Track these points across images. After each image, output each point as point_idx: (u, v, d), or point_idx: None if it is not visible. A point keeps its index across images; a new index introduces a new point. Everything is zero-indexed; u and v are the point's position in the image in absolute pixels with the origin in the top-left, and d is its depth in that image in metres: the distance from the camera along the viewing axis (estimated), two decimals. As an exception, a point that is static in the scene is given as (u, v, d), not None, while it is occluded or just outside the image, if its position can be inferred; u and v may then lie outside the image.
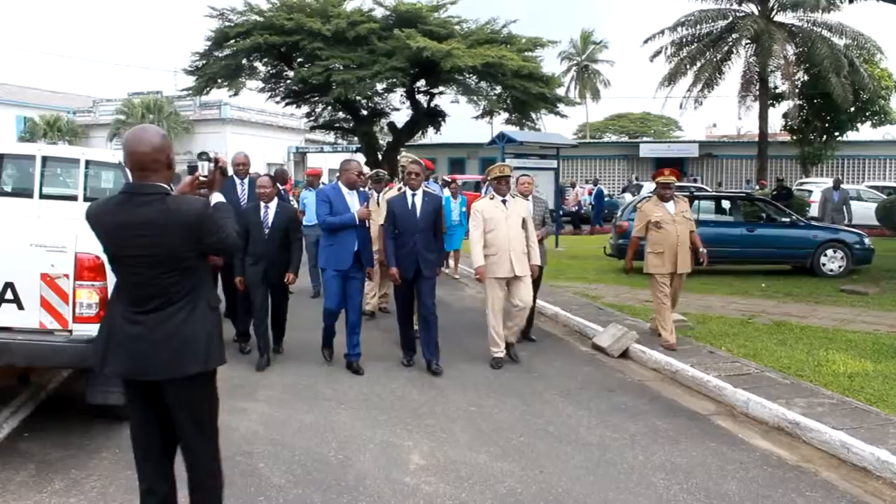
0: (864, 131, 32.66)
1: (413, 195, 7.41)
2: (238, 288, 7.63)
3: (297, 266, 7.55)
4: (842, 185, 19.64)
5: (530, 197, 8.49)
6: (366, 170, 12.67)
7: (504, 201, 7.65)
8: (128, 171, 6.60)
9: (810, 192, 26.25)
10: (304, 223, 11.03)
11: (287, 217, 7.55)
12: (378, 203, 10.10)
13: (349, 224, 7.12)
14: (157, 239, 3.23)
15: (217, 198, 3.64)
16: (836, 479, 4.93)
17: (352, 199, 7.27)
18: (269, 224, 7.42)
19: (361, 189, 7.97)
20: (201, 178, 3.63)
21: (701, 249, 8.46)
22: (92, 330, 4.77)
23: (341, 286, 7.23)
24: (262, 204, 7.47)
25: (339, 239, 7.18)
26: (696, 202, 15.64)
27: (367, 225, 7.39)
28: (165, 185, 3.34)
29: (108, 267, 4.84)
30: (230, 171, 8.30)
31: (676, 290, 8.61)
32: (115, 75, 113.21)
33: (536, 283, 8.40)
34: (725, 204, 16.43)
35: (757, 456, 5.33)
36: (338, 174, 7.96)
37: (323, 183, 13.66)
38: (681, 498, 4.57)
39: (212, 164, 3.71)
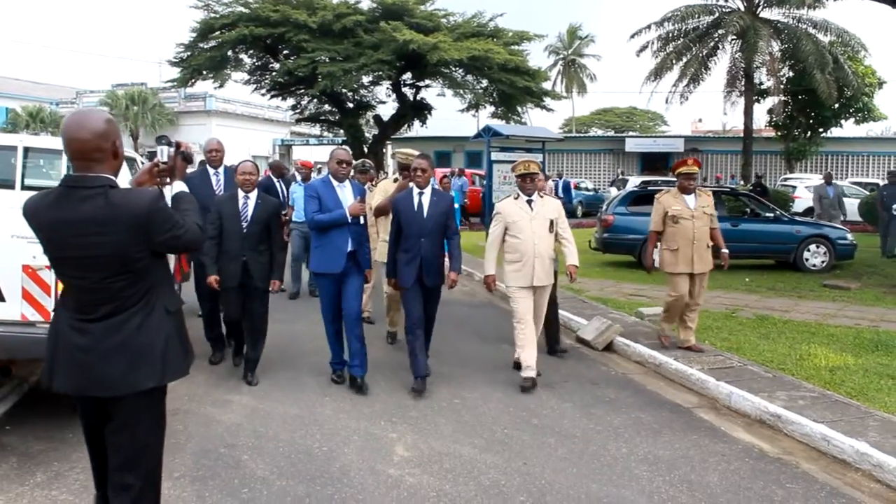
0: (848, 128, 32.91)
1: (420, 194, 6.54)
2: (213, 288, 6.68)
3: (281, 271, 6.79)
4: (833, 181, 19.25)
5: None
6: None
7: (530, 201, 6.83)
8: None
9: (794, 187, 26.47)
10: (294, 219, 10.84)
11: (270, 211, 6.64)
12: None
13: (340, 222, 6.31)
14: (102, 238, 2.88)
15: (178, 187, 3.29)
16: (816, 471, 4.98)
17: (343, 193, 6.45)
18: (249, 217, 6.53)
19: (356, 181, 7.47)
20: (160, 166, 3.25)
21: (723, 250, 7.91)
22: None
23: (336, 291, 6.46)
24: (242, 194, 6.57)
25: (329, 239, 6.38)
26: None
27: (364, 221, 6.54)
28: (111, 177, 2.96)
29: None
30: (197, 159, 7.69)
31: (697, 292, 7.83)
32: (99, 66, 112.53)
33: (555, 299, 7.68)
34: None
35: (739, 448, 5.37)
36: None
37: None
38: (663, 490, 4.60)
39: (171, 149, 3.29)
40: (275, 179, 11.15)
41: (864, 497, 4.60)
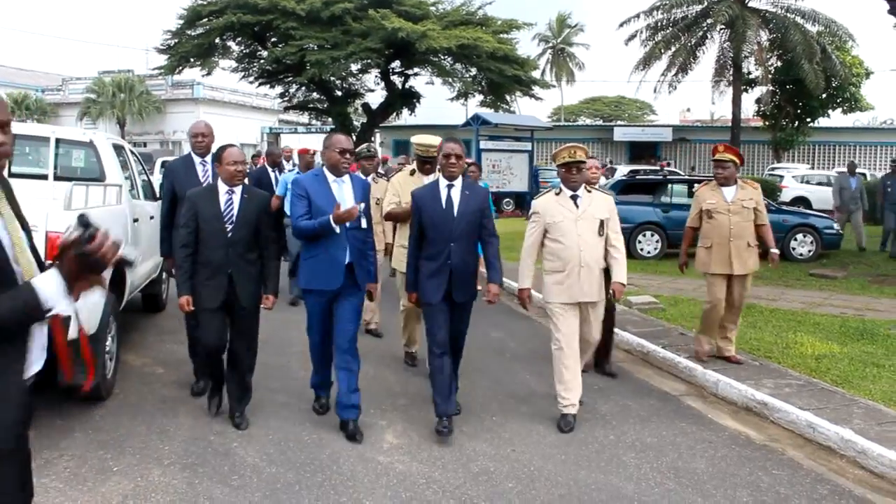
0: (835, 118, 33.03)
1: (449, 187, 5.25)
2: (183, 310, 5.31)
3: (276, 283, 5.38)
4: (857, 171, 17.20)
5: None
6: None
7: (575, 197, 5.59)
8: (104, 150, 6.33)
9: (781, 177, 26.58)
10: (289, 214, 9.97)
11: (259, 208, 5.25)
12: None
13: (325, 231, 5.01)
14: None
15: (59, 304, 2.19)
16: (801, 457, 5.04)
17: (342, 192, 5.16)
18: (234, 218, 5.11)
19: (359, 175, 6.53)
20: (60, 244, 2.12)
21: (772, 249, 7.03)
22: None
23: (327, 312, 5.29)
24: (225, 187, 5.15)
25: (323, 248, 5.12)
26: (668, 186, 15.83)
27: (366, 225, 5.25)
28: None
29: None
30: (188, 146, 6.45)
31: (737, 298, 6.95)
32: (85, 53, 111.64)
33: (611, 309, 6.56)
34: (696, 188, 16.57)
35: (725, 435, 5.42)
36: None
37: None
38: (650, 476, 4.64)
39: (80, 233, 2.09)
40: (269, 169, 10.41)
41: (848, 483, 4.66)
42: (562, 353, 5.50)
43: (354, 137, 27.87)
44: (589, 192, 5.70)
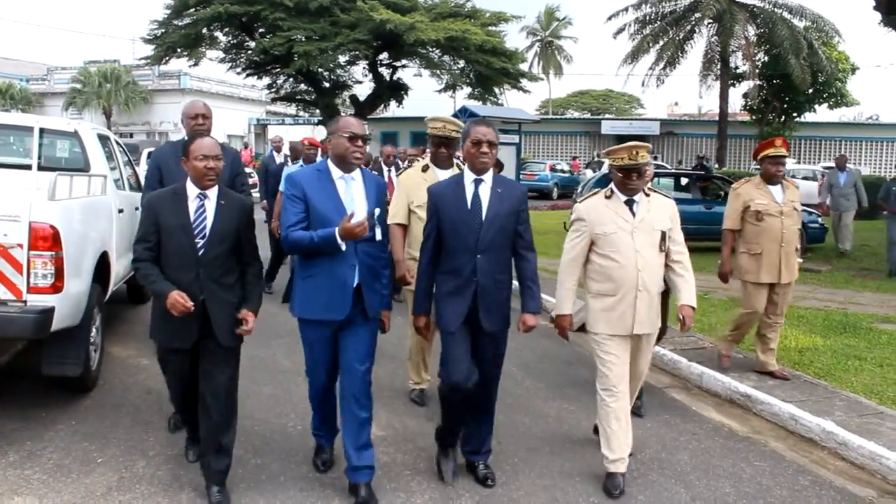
0: (821, 112, 33.29)
1: (476, 182, 4.18)
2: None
3: (257, 303, 4.18)
4: (849, 165, 15.51)
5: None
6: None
7: (631, 202, 4.44)
8: (92, 141, 6.23)
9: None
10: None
11: (238, 216, 4.07)
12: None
13: (330, 248, 3.88)
14: None
15: None
16: (783, 449, 5.10)
17: (349, 192, 4.03)
18: (207, 230, 3.96)
19: (371, 170, 5.43)
20: None
21: (797, 259, 6.53)
22: (47, 300, 4.74)
23: (331, 351, 4.13)
24: (195, 190, 3.99)
25: (324, 266, 3.97)
26: (654, 180, 15.89)
27: (381, 236, 4.11)
28: None
29: (64, 237, 4.81)
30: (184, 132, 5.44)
31: (780, 309, 6.40)
32: (71, 42, 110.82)
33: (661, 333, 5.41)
34: (683, 181, 16.70)
35: (709, 427, 5.46)
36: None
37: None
38: (634, 468, 4.66)
39: None
40: (290, 163, 9.70)
41: (829, 474, 4.72)
42: (612, 398, 4.44)
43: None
44: (647, 195, 4.53)
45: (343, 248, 3.86)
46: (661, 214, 4.51)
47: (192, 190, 4.03)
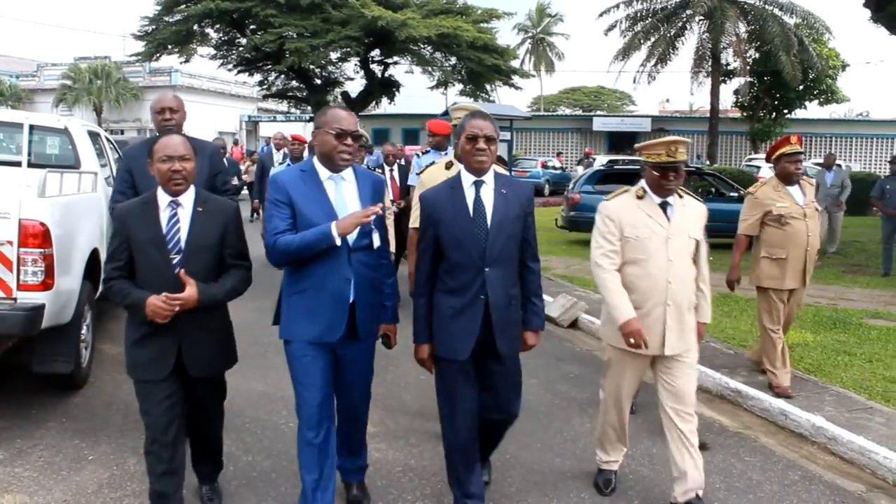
0: (812, 109, 33.45)
1: (477, 184, 3.66)
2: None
3: (213, 288, 3.55)
4: (837, 163, 14.98)
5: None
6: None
7: (665, 205, 3.99)
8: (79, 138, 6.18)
9: (758, 168, 26.81)
10: None
11: (221, 223, 3.60)
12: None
13: (322, 246, 3.42)
14: None
15: None
16: (773, 444, 5.12)
17: (340, 194, 3.58)
18: (182, 241, 3.50)
19: (364, 167, 4.97)
20: None
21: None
22: (37, 298, 4.72)
23: (326, 372, 3.64)
24: (167, 198, 3.52)
25: (315, 278, 3.51)
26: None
27: (379, 241, 3.66)
28: None
29: (54, 234, 4.79)
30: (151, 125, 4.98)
31: (792, 312, 6.17)
32: (61, 39, 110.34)
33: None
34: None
35: (700, 423, 5.40)
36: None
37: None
38: (625, 463, 4.67)
39: None
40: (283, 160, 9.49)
41: (818, 469, 4.74)
42: (611, 402, 4.25)
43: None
44: (681, 197, 4.07)
45: (338, 242, 3.39)
46: (695, 220, 4.07)
47: (163, 197, 3.52)
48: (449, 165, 4.72)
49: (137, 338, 3.58)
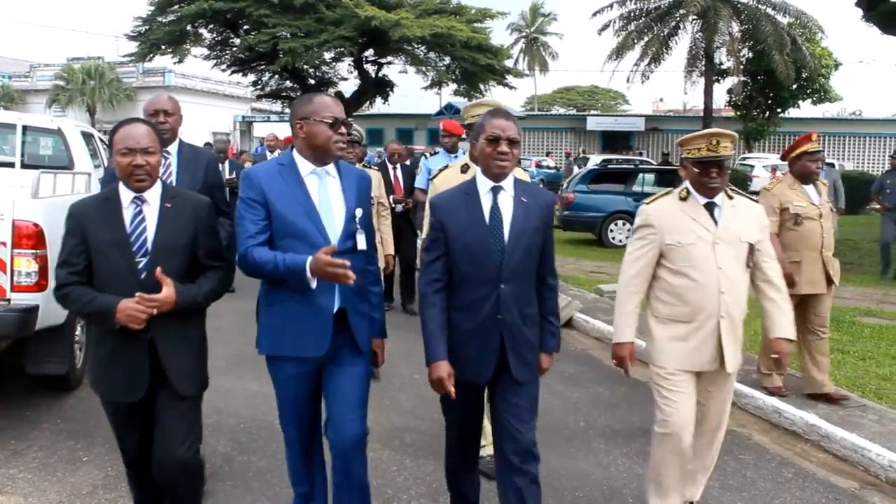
0: (805, 108, 33.54)
1: (495, 190, 3.28)
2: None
3: (189, 292, 3.13)
4: (829, 162, 14.58)
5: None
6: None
7: (712, 206, 3.64)
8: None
9: (752, 166, 26.97)
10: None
11: (193, 218, 3.21)
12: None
13: (298, 281, 3.02)
14: None
15: None
16: (767, 442, 5.15)
17: (325, 192, 3.20)
18: (149, 242, 3.10)
19: (350, 163, 4.39)
20: None
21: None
22: (31, 299, 4.72)
23: (310, 393, 3.36)
24: (130, 194, 3.12)
25: (295, 290, 3.11)
26: (639, 175, 15.99)
27: (365, 244, 3.27)
28: None
29: (48, 235, 4.79)
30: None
31: (822, 318, 5.78)
32: (54, 39, 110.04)
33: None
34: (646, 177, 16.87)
35: (693, 421, 5.50)
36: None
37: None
38: (619, 462, 4.71)
39: None
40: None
41: (811, 466, 4.77)
42: (674, 445, 3.62)
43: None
44: (730, 197, 3.71)
45: (313, 286, 3.01)
46: (748, 222, 3.68)
47: (125, 193, 3.13)
48: (465, 169, 4.39)
49: (104, 351, 3.17)
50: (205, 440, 4.70)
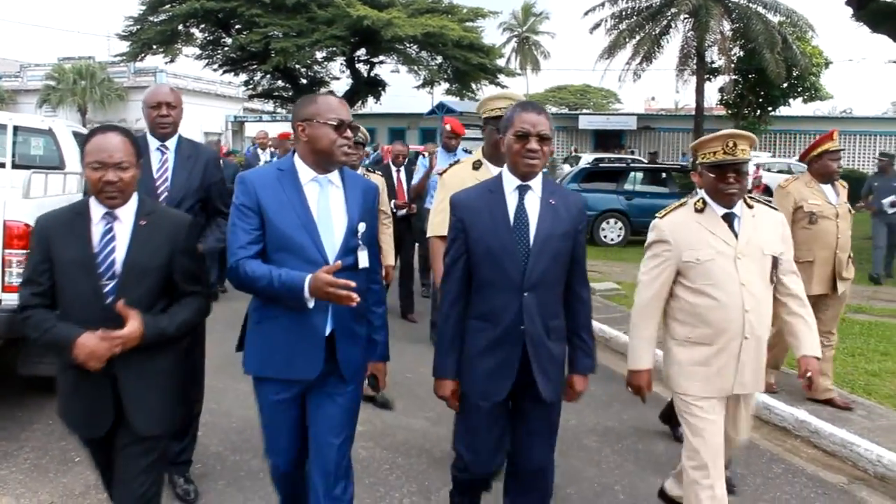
0: (796, 107, 33.63)
1: (521, 191, 3.06)
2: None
3: (158, 324, 2.81)
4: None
5: None
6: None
7: (731, 217, 3.33)
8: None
9: (743, 164, 27.03)
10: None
11: (170, 238, 2.89)
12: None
13: (294, 302, 2.79)
14: None
15: None
16: (758, 438, 5.16)
17: (326, 202, 2.95)
18: (118, 264, 2.79)
19: (353, 170, 3.87)
20: None
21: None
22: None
23: (298, 421, 3.08)
24: (102, 208, 2.82)
25: (286, 307, 2.87)
26: (631, 174, 16.05)
27: (367, 262, 3.02)
28: None
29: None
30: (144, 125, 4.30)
31: (829, 322, 5.59)
32: (45, 39, 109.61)
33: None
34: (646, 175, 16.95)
35: (684, 418, 5.53)
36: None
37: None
38: (611, 459, 4.74)
39: None
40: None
41: (801, 462, 4.81)
42: (708, 478, 3.29)
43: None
44: (749, 206, 3.40)
45: (311, 306, 2.78)
46: (770, 233, 3.38)
47: (97, 208, 2.82)
48: (477, 165, 4.17)
49: (66, 382, 2.89)
50: (197, 439, 4.74)
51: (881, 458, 4.59)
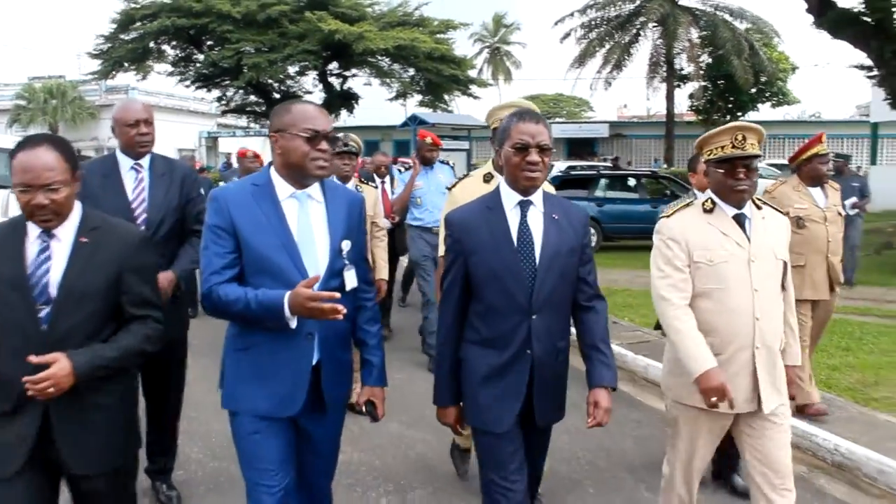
0: (765, 111, 34.23)
1: (523, 206, 2.84)
2: None
3: (98, 355, 2.50)
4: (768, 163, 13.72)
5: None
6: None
7: (742, 219, 3.10)
8: None
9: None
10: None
11: (117, 258, 2.58)
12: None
13: (275, 322, 2.53)
14: None
15: None
16: (725, 434, 5.32)
17: (306, 219, 2.70)
18: (53, 287, 2.48)
19: (339, 182, 3.84)
20: None
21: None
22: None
23: (283, 451, 2.74)
24: (36, 230, 2.52)
25: (267, 336, 2.64)
26: (601, 180, 16.31)
27: (355, 282, 2.81)
28: None
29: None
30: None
31: (822, 324, 5.53)
32: (14, 58, 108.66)
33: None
34: (626, 182, 17.21)
35: (654, 416, 5.68)
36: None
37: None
38: (582, 456, 4.88)
39: None
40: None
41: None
42: (679, 473, 3.27)
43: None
44: (759, 208, 3.18)
45: (293, 325, 2.54)
46: (779, 236, 3.17)
47: (33, 228, 2.52)
48: (488, 178, 3.99)
49: None
50: (178, 447, 4.83)
51: (838, 447, 4.76)
